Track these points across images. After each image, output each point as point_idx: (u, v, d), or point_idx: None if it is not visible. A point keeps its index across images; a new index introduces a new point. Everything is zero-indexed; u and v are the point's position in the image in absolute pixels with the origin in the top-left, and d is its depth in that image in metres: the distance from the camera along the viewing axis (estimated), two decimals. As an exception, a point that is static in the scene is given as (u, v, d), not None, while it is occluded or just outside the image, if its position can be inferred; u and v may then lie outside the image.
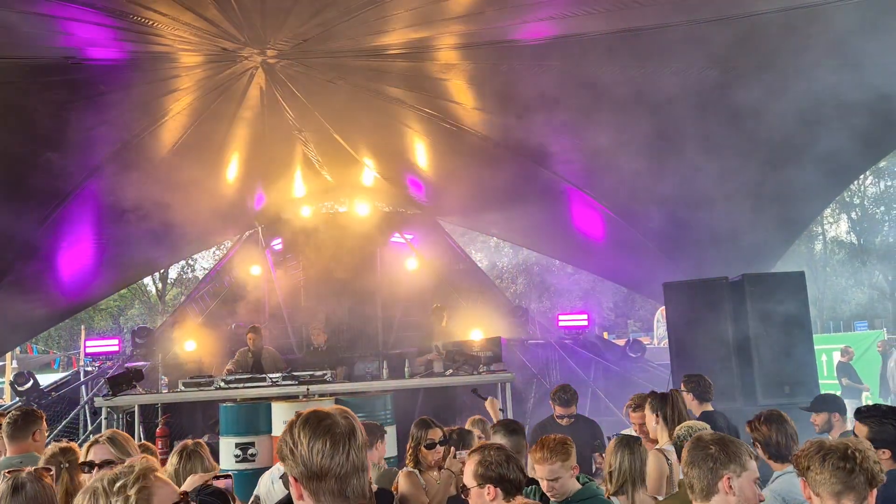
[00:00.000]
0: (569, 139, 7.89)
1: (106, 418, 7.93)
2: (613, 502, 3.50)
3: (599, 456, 5.47)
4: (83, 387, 10.41)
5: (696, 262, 8.47)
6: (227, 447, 7.55)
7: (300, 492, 1.70)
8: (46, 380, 11.52)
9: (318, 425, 1.70)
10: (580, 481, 3.40)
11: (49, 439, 6.08)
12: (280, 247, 12.09)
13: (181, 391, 8.21)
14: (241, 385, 8.14)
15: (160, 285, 32.84)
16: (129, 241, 9.49)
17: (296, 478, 1.69)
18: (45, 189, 7.62)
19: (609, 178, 8.43)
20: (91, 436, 5.53)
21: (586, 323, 11.63)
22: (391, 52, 6.65)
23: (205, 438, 6.15)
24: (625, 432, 4.24)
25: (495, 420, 4.95)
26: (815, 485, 2.32)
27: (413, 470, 4.10)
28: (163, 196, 8.09)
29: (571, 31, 6.06)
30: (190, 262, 30.26)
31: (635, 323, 35.31)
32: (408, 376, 8.80)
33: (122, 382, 7.97)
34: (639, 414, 4.73)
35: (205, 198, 8.71)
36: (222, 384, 8.14)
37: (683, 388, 5.37)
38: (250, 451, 7.53)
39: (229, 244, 14.03)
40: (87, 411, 9.99)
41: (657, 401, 4.34)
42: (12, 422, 3.97)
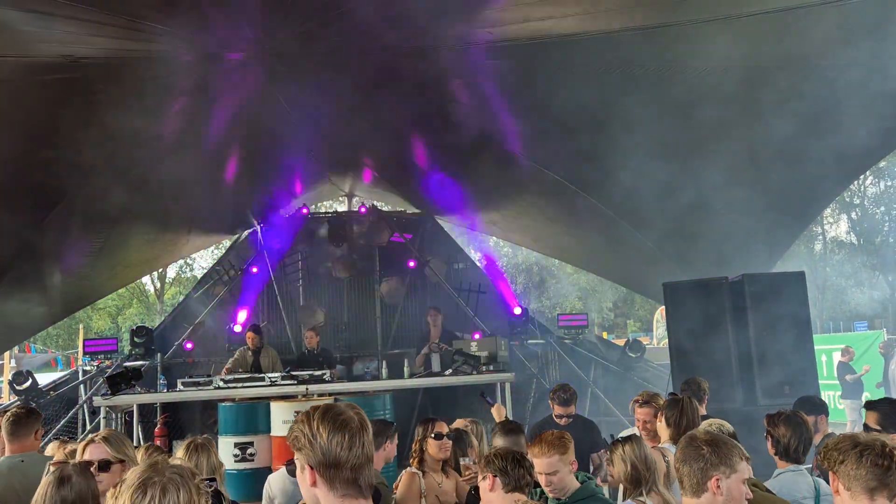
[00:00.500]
0: (568, 138, 7.87)
1: (105, 418, 7.92)
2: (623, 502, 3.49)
3: (597, 456, 5.46)
4: (82, 386, 10.40)
5: (695, 262, 8.46)
6: (226, 446, 7.55)
7: (314, 479, 1.82)
8: (45, 379, 11.51)
9: (337, 419, 1.83)
10: (579, 480, 3.38)
11: (48, 438, 6.08)
12: (279, 246, 12.08)
13: (180, 390, 8.21)
14: (239, 385, 8.13)
15: (159, 284, 32.82)
16: (128, 241, 9.48)
17: (312, 466, 1.82)
18: (44, 188, 7.61)
19: (609, 177, 8.42)
20: (89, 435, 5.52)
21: (585, 322, 11.66)
22: (391, 52, 6.63)
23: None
24: (625, 432, 4.22)
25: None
26: (848, 479, 2.33)
27: (416, 471, 4.04)
28: (161, 195, 8.08)
29: (568, 31, 6.06)
30: (188, 261, 30.28)
31: (635, 323, 35.34)
32: (407, 376, 8.80)
33: (120, 382, 7.96)
34: (645, 410, 4.70)
35: (204, 197, 8.70)
36: (221, 384, 8.13)
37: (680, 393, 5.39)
38: (249, 451, 7.53)
39: (228, 243, 14.01)
40: (86, 410, 9.98)
41: (667, 403, 4.32)
42: (15, 420, 3.97)
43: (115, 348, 10.88)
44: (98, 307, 29.60)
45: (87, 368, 10.68)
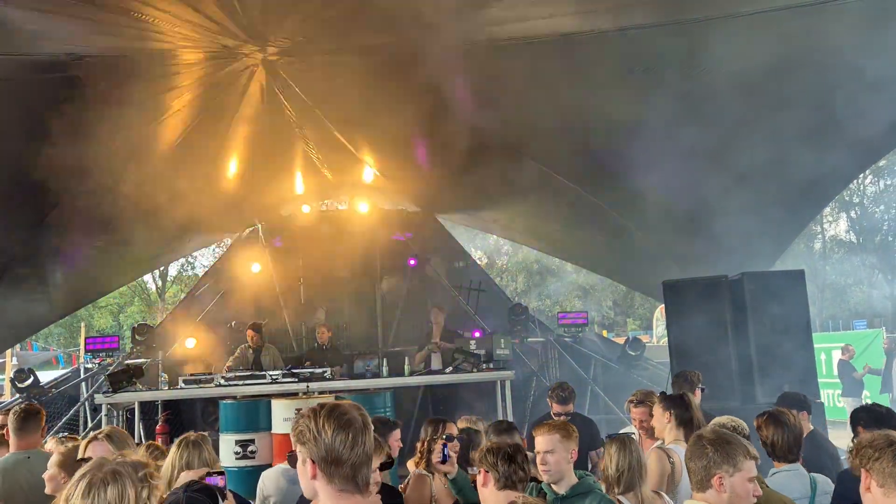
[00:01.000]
0: (568, 137, 7.88)
1: (106, 415, 7.94)
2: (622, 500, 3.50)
3: (596, 454, 5.48)
4: (83, 384, 10.42)
5: (695, 261, 8.47)
6: (227, 444, 7.58)
7: (315, 473, 1.91)
8: (47, 376, 11.53)
9: (342, 418, 1.91)
10: (577, 476, 3.40)
11: (49, 436, 6.08)
12: (280, 244, 12.09)
13: (181, 388, 8.23)
14: (241, 382, 8.16)
15: (160, 283, 32.84)
16: (129, 239, 9.48)
17: (314, 460, 1.90)
18: (45, 186, 7.62)
19: (609, 175, 8.43)
20: (91, 433, 5.54)
21: (585, 321, 11.66)
22: (391, 50, 6.63)
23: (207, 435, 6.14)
24: (624, 431, 4.23)
25: None
26: (882, 477, 2.37)
27: (426, 473, 3.97)
28: (163, 193, 8.09)
29: (570, 29, 6.07)
30: (190, 259, 30.30)
31: (635, 321, 35.34)
32: (407, 374, 8.82)
33: (122, 379, 7.99)
34: (640, 409, 4.68)
35: (205, 195, 8.71)
36: (222, 381, 8.16)
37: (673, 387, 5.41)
38: (250, 448, 7.55)
39: (229, 242, 14.02)
40: (88, 408, 10.00)
41: (672, 400, 4.30)
42: (23, 417, 4.00)
43: (116, 346, 10.89)
44: (99, 305, 29.64)
45: (89, 366, 10.71)
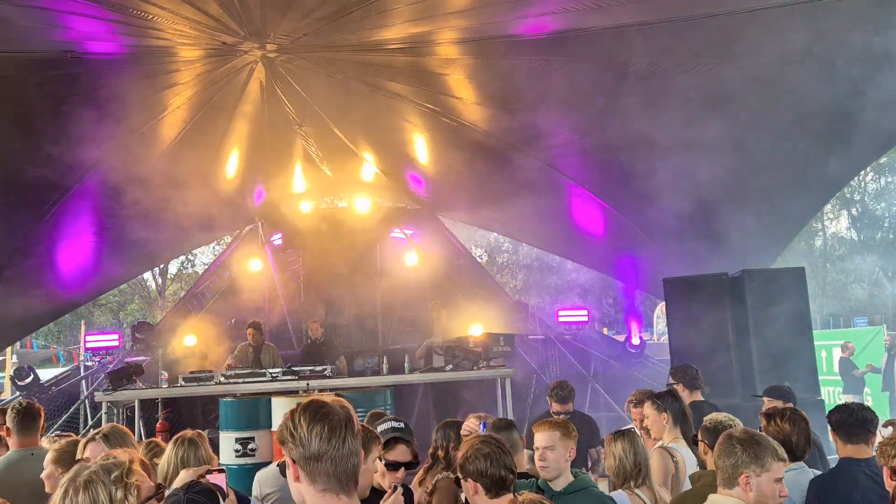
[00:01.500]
0: (569, 134, 7.87)
1: (106, 413, 7.93)
2: (623, 495, 3.50)
3: (595, 451, 5.47)
4: (83, 381, 10.42)
5: (696, 258, 8.46)
6: (227, 442, 7.56)
7: (297, 473, 1.81)
8: (47, 374, 11.53)
9: (318, 412, 1.82)
10: (573, 473, 3.40)
11: (43, 437, 6.06)
12: (280, 242, 12.08)
13: (181, 386, 8.22)
14: (240, 380, 8.15)
15: (160, 280, 32.81)
16: (129, 237, 9.47)
17: (294, 460, 1.81)
18: (44, 183, 7.61)
19: (610, 173, 8.42)
20: (91, 430, 5.54)
21: (586, 318, 11.64)
22: (392, 47, 6.62)
23: (205, 433, 6.14)
24: (625, 429, 4.23)
25: None
26: None
27: (452, 476, 3.90)
28: (162, 191, 8.08)
29: (573, 26, 6.04)
30: (190, 257, 30.25)
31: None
32: (408, 371, 8.81)
33: (122, 377, 7.98)
34: (640, 409, 4.70)
35: (205, 193, 8.70)
36: (222, 379, 8.15)
37: (672, 381, 5.39)
38: (250, 446, 7.54)
39: (229, 239, 14.02)
40: (88, 406, 10.00)
41: (664, 400, 4.29)
42: (25, 414, 4.00)
43: (117, 343, 10.87)
44: (99, 303, 29.59)
45: (89, 364, 10.70)
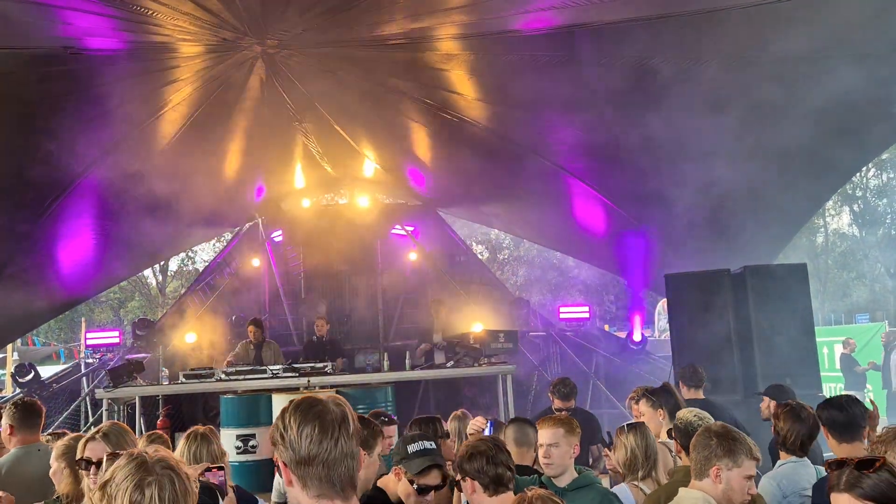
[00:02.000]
0: (570, 131, 7.85)
1: (107, 410, 7.93)
2: (625, 489, 3.50)
3: (596, 448, 5.45)
4: (84, 378, 10.42)
5: (698, 254, 8.45)
6: (228, 439, 7.55)
7: (289, 477, 1.69)
8: (48, 371, 11.53)
9: (309, 411, 1.68)
10: (577, 470, 3.41)
11: (50, 431, 6.06)
12: (280, 239, 12.08)
13: (182, 383, 8.21)
14: (241, 377, 8.14)
15: (160, 277, 32.81)
16: (129, 233, 9.47)
17: (285, 463, 1.68)
18: (45, 180, 7.59)
19: (611, 170, 8.40)
20: (92, 427, 5.53)
21: (587, 315, 11.63)
22: (392, 42, 6.60)
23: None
24: (635, 422, 4.23)
25: None
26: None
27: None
28: (163, 188, 8.07)
29: (574, 21, 6.01)
30: (190, 254, 30.22)
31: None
32: (409, 368, 8.79)
33: (122, 374, 7.97)
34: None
35: (205, 189, 8.69)
36: (223, 376, 8.14)
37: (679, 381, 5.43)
38: (251, 443, 7.54)
39: (229, 236, 14.01)
40: (88, 403, 10.00)
41: (659, 396, 4.31)
42: (27, 411, 3.99)
43: (118, 340, 10.87)
44: (100, 300, 29.59)
45: (90, 361, 10.70)
